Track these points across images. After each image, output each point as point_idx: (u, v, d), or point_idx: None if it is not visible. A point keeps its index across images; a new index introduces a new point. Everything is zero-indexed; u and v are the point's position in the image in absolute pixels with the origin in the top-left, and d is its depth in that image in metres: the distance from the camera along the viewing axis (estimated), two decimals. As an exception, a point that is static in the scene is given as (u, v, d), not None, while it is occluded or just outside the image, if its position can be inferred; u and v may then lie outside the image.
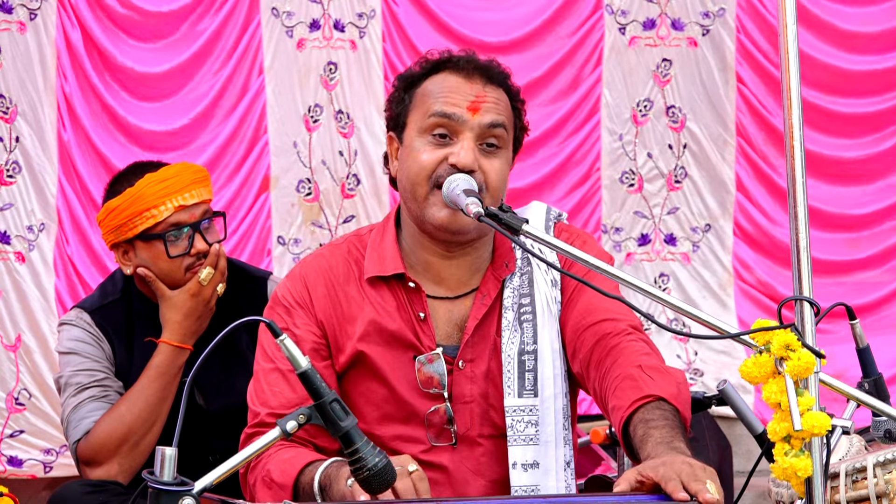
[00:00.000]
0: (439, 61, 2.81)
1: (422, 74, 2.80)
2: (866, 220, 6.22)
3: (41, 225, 5.38)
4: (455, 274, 2.80)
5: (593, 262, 2.44)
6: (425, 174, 2.71)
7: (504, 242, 2.85)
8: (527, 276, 2.81)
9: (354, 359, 2.75)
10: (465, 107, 2.72)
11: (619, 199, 6.02)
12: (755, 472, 2.58)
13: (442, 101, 2.73)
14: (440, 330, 2.77)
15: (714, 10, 6.02)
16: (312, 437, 2.71)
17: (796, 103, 2.23)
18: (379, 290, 2.78)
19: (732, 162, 6.03)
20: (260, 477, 2.64)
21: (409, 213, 2.80)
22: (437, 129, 2.72)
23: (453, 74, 2.77)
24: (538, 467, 2.69)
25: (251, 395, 2.78)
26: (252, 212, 5.64)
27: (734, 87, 6.05)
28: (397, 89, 2.84)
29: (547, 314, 2.78)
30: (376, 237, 2.84)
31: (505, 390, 2.73)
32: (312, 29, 5.70)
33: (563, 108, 5.95)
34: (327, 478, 2.51)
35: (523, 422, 2.71)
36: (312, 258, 2.87)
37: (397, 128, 2.81)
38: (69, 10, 5.38)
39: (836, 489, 2.42)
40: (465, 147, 2.70)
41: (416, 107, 2.77)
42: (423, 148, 2.72)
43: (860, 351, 2.93)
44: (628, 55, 6.00)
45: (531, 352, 2.75)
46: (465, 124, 2.72)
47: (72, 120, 5.40)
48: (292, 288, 2.82)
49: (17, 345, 5.34)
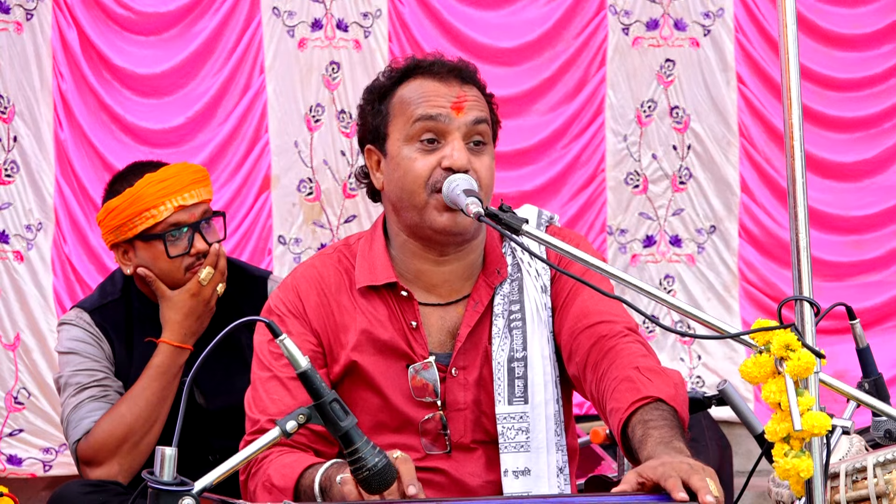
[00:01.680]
0: (409, 68, 2.79)
1: (392, 84, 2.79)
2: (870, 223, 6.21)
3: (39, 224, 5.38)
4: (447, 280, 2.79)
5: (593, 262, 2.44)
6: (422, 181, 2.69)
7: (495, 248, 2.84)
8: (517, 283, 2.80)
9: (348, 368, 2.75)
10: (449, 107, 2.72)
11: (624, 201, 6.01)
12: (755, 472, 2.58)
13: (424, 104, 2.72)
14: (432, 338, 2.76)
15: (714, 11, 6.02)
16: (312, 443, 2.70)
17: (796, 103, 2.23)
18: (370, 300, 2.77)
19: (736, 163, 6.02)
20: (261, 482, 2.63)
21: (400, 223, 2.77)
22: (425, 133, 2.71)
23: (428, 79, 2.76)
24: (529, 474, 2.68)
25: (249, 404, 2.77)
26: (253, 211, 5.64)
27: (735, 87, 6.04)
28: (368, 102, 2.82)
29: (537, 321, 2.77)
30: (365, 246, 2.83)
31: (496, 398, 2.72)
32: (314, 29, 5.70)
33: (568, 110, 5.95)
34: (328, 479, 2.50)
35: (514, 429, 2.71)
36: (303, 268, 2.85)
37: (377, 140, 2.79)
38: (64, 10, 5.38)
39: (836, 489, 2.42)
40: (456, 148, 2.70)
41: (397, 116, 2.75)
42: (414, 155, 2.71)
43: (860, 351, 2.93)
44: (632, 56, 5.99)
45: (521, 359, 2.74)
46: (452, 124, 2.71)
47: (69, 119, 5.40)
48: (285, 298, 2.80)
49: (16, 344, 5.34)
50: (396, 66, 2.82)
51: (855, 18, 6.21)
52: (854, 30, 6.19)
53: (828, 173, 6.12)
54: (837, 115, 6.17)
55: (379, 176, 2.80)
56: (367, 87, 2.86)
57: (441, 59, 2.80)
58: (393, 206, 2.78)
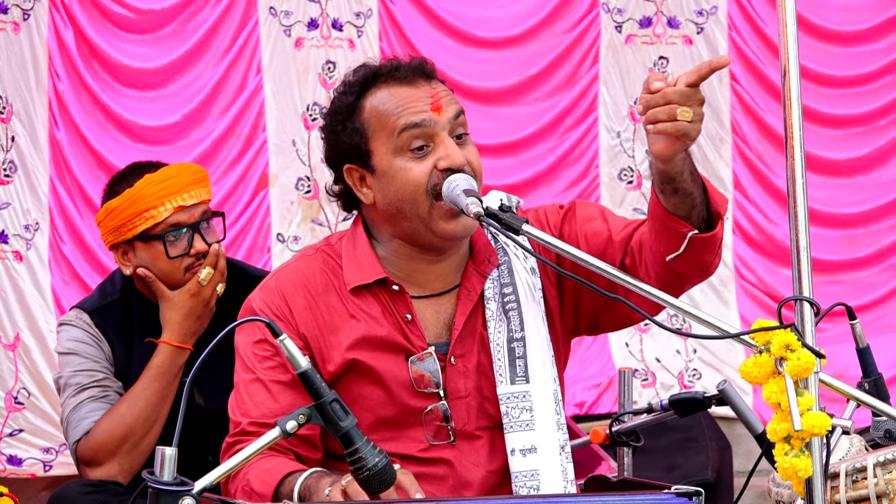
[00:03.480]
0: (367, 78, 2.77)
1: (356, 98, 2.75)
2: (862, 218, 6.21)
3: (37, 224, 5.39)
4: (441, 275, 2.79)
5: (593, 262, 2.45)
6: (422, 188, 2.68)
7: (481, 236, 2.83)
8: (505, 266, 2.80)
9: (347, 367, 2.73)
10: (429, 109, 2.70)
11: (618, 196, 6.03)
12: (755, 472, 2.58)
13: (405, 113, 2.69)
14: (429, 330, 2.76)
15: (707, 9, 6.05)
16: (293, 447, 2.69)
17: (796, 103, 2.23)
18: (363, 299, 2.76)
19: (729, 160, 6.04)
20: (240, 486, 2.63)
21: (395, 231, 2.75)
22: (414, 141, 2.68)
23: (395, 86, 2.74)
24: (536, 451, 2.69)
25: (232, 407, 2.75)
26: (250, 209, 5.64)
27: (728, 84, 6.07)
28: (336, 122, 2.76)
29: (531, 301, 2.77)
30: (349, 246, 2.80)
31: (497, 379, 2.72)
32: (311, 28, 5.70)
33: (559, 104, 5.97)
34: (307, 489, 2.51)
35: (518, 408, 2.71)
36: (287, 270, 2.82)
37: (357, 158, 2.74)
38: (61, 10, 5.38)
39: (836, 489, 2.42)
40: (448, 147, 2.68)
41: (377, 130, 2.71)
42: (408, 165, 2.69)
43: (860, 351, 2.94)
44: (625, 53, 6.02)
45: (520, 339, 2.74)
46: (437, 125, 2.69)
47: (64, 119, 5.40)
48: (269, 301, 2.77)
49: (15, 344, 5.34)
50: (352, 80, 2.79)
51: (850, 15, 6.22)
52: (849, 26, 6.20)
53: (821, 170, 6.12)
54: (831, 113, 6.18)
55: (366, 192, 2.75)
56: (329, 110, 2.80)
57: (398, 63, 2.78)
58: (387, 217, 2.75)
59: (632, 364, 5.90)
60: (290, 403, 2.60)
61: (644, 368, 5.95)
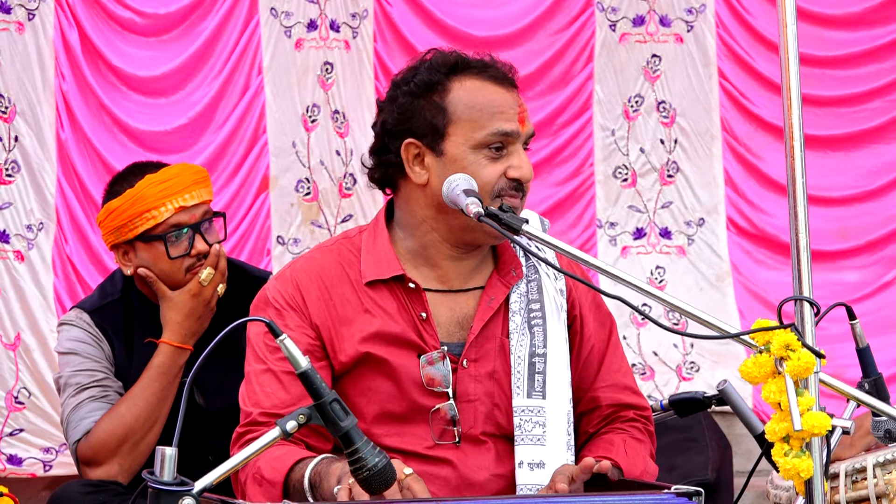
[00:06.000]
0: (456, 63, 2.75)
1: (441, 77, 2.73)
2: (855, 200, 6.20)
3: (40, 224, 5.38)
4: (461, 273, 2.80)
5: (593, 262, 2.46)
6: (489, 188, 2.69)
7: (508, 247, 2.84)
8: (535, 283, 2.82)
9: (360, 359, 2.74)
10: (517, 120, 2.73)
11: (613, 194, 6.05)
12: (755, 472, 2.58)
13: (499, 118, 2.71)
14: (442, 328, 2.76)
15: (696, 6, 6.07)
16: (304, 437, 2.70)
17: (796, 103, 2.24)
18: (378, 293, 2.77)
19: (720, 156, 6.07)
20: (251, 474, 2.64)
21: (438, 221, 2.75)
22: (496, 142, 2.71)
23: (487, 83, 2.74)
24: (544, 467, 2.70)
25: (243, 397, 2.77)
26: (251, 212, 5.64)
27: (717, 81, 6.09)
28: (415, 94, 2.73)
29: (557, 320, 2.79)
30: (369, 240, 2.81)
31: (514, 390, 2.73)
32: (310, 29, 5.70)
33: (553, 102, 5.98)
34: (317, 475, 2.52)
35: (531, 422, 2.72)
36: (303, 261, 2.85)
37: (427, 135, 2.72)
38: (66, 11, 5.38)
39: (836, 489, 2.43)
40: (522, 159, 2.73)
41: (463, 119, 2.71)
42: (483, 162, 2.70)
43: (860, 351, 2.93)
44: (619, 51, 6.04)
45: (542, 355, 2.75)
46: (519, 137, 2.74)
47: (70, 119, 5.40)
48: (283, 290, 2.79)
49: (16, 343, 5.34)
50: (439, 60, 2.76)
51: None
52: (840, 9, 6.20)
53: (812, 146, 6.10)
54: (823, 95, 6.18)
55: (419, 171, 2.73)
56: (407, 78, 2.76)
57: (492, 62, 2.78)
58: (434, 202, 2.74)
59: (630, 358, 5.90)
60: (301, 393, 2.59)
61: (642, 362, 5.95)
